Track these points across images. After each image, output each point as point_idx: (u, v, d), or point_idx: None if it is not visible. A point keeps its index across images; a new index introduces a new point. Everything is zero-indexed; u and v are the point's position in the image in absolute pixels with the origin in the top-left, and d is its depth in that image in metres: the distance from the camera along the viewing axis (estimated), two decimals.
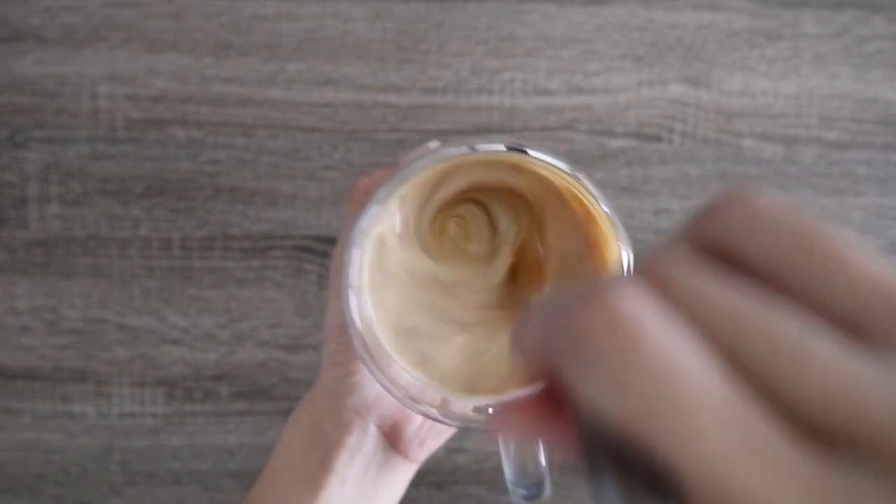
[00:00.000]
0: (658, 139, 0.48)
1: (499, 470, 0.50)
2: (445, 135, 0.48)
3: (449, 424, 0.27)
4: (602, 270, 0.24)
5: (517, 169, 0.25)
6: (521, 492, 0.28)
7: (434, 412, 0.26)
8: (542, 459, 0.27)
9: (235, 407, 0.49)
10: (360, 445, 0.31)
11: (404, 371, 0.28)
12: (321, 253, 0.48)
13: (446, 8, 0.48)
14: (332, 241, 0.48)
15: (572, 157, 0.48)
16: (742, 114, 0.48)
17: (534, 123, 0.48)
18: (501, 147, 0.24)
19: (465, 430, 0.49)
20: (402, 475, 0.33)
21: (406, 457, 0.32)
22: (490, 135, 0.47)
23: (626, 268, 0.24)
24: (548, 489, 0.29)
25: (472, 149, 0.24)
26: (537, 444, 0.27)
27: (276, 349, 0.48)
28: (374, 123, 0.48)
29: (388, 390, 0.27)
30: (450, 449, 0.50)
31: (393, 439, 0.31)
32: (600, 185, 0.45)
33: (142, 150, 0.48)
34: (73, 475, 0.49)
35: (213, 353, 0.49)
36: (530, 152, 0.24)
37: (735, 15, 0.48)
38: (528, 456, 0.27)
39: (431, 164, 0.25)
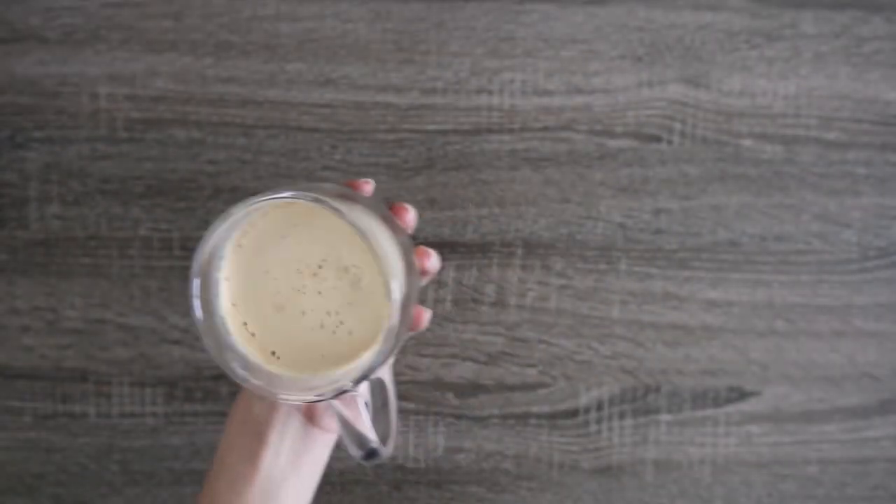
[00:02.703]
0: (657, 139, 0.48)
1: (499, 470, 0.50)
2: (445, 135, 0.48)
3: (289, 402, 0.33)
4: (383, 283, 0.30)
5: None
6: (359, 453, 0.34)
7: (280, 395, 0.31)
8: (369, 427, 0.33)
9: None
10: (287, 421, 0.37)
11: (253, 356, 0.33)
12: None
13: (446, 8, 0.48)
14: None
15: (572, 158, 0.48)
16: (741, 114, 0.48)
17: (533, 124, 0.48)
18: (287, 194, 0.30)
19: (459, 429, 0.49)
20: (323, 444, 0.38)
21: (322, 427, 0.37)
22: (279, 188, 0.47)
23: (390, 295, 0.30)
24: (384, 451, 0.34)
25: (252, 203, 0.30)
26: (363, 415, 0.33)
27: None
28: (374, 124, 0.48)
29: (236, 379, 0.32)
30: (450, 449, 0.50)
31: (308, 416, 0.37)
32: (601, 184, 0.45)
33: (142, 151, 0.48)
34: (73, 474, 0.49)
35: None
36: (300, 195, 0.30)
37: (734, 15, 0.48)
38: (357, 424, 0.33)
39: (262, 201, 0.30)
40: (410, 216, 0.39)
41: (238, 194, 0.48)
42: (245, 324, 0.33)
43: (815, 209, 0.49)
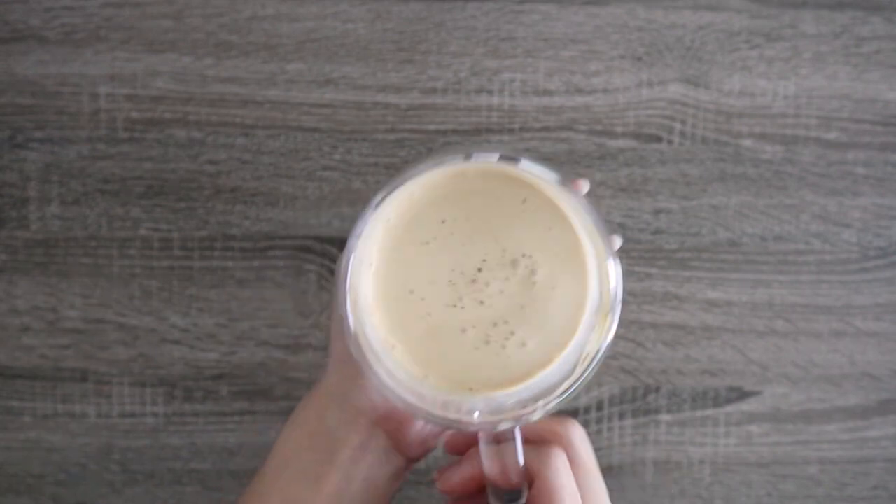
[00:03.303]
0: (657, 139, 0.48)
1: None
2: (445, 135, 0.48)
3: (442, 425, 0.27)
4: (581, 275, 0.25)
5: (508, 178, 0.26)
6: (503, 497, 0.27)
7: (429, 412, 0.26)
8: (522, 461, 0.27)
9: (235, 407, 0.49)
10: (366, 445, 0.30)
11: (400, 370, 0.27)
12: (321, 253, 0.48)
13: (446, 8, 0.48)
14: (331, 240, 0.48)
15: (572, 158, 0.48)
16: (741, 114, 0.48)
17: (533, 124, 0.48)
18: (494, 158, 0.25)
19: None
20: (402, 473, 0.33)
21: (408, 456, 0.32)
22: (485, 144, 0.47)
23: (614, 281, 0.25)
24: (524, 496, 0.28)
25: (468, 158, 0.24)
26: (517, 447, 0.26)
27: (276, 349, 0.48)
28: (374, 124, 0.48)
29: (383, 391, 0.26)
30: None
31: (396, 440, 0.31)
32: (601, 184, 0.45)
33: (142, 151, 0.48)
34: (73, 475, 0.49)
35: (213, 353, 0.49)
36: (523, 162, 0.24)
37: (734, 15, 0.48)
38: (509, 457, 0.26)
39: (427, 171, 0.25)
40: (585, 190, 0.32)
41: (238, 194, 0.48)
42: (393, 347, 0.27)
43: (814, 209, 0.49)
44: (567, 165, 0.48)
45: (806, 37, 0.48)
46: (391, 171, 0.48)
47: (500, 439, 0.26)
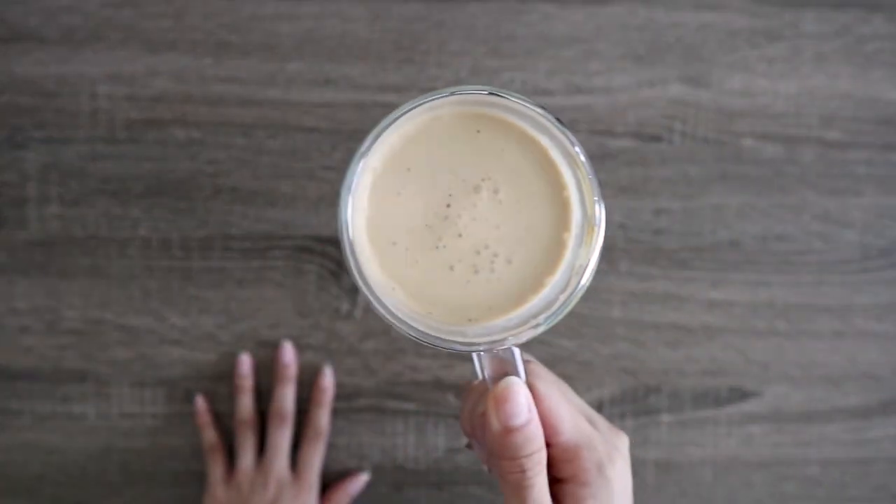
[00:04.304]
0: (658, 139, 0.48)
1: None
2: None
3: (450, 350, 0.27)
4: (553, 182, 0.26)
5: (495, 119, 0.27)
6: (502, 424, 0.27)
7: (436, 339, 0.26)
8: (524, 375, 0.28)
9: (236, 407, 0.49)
10: None
11: (404, 308, 0.28)
12: (321, 253, 0.48)
13: (446, 8, 0.48)
14: (332, 240, 0.48)
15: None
16: (742, 113, 0.48)
17: None
18: (484, 91, 0.26)
19: (459, 430, 0.49)
20: None
21: None
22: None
23: (596, 195, 0.26)
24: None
25: (454, 93, 0.26)
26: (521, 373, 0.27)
27: (276, 349, 0.48)
28: (374, 123, 0.48)
29: (394, 324, 0.26)
30: (450, 449, 0.50)
31: None
32: (601, 184, 0.45)
33: (141, 151, 0.48)
34: (72, 475, 0.49)
35: (213, 353, 0.49)
36: (510, 96, 0.26)
37: (735, 15, 0.48)
38: (510, 370, 0.27)
39: (412, 108, 0.26)
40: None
41: (238, 194, 0.48)
42: (394, 289, 0.28)
43: (815, 209, 0.49)
44: None
45: (807, 36, 0.48)
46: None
47: (503, 358, 0.27)
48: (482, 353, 0.26)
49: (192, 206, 0.48)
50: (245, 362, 0.48)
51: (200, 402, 0.48)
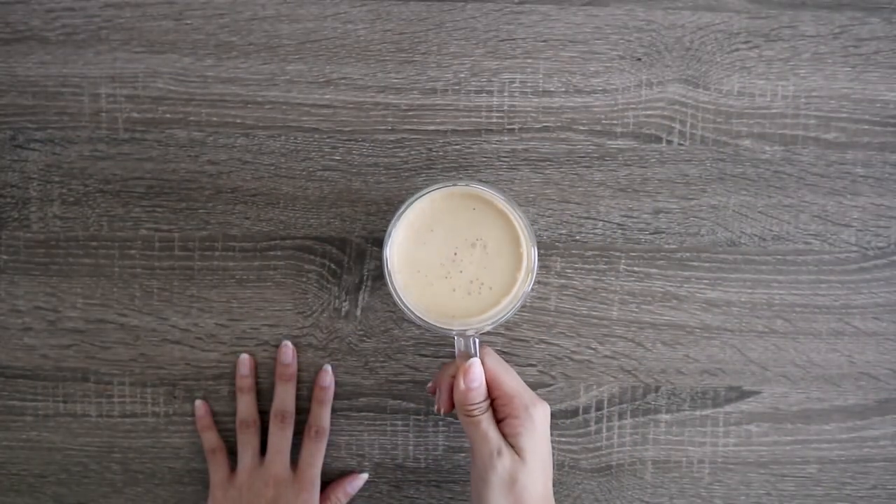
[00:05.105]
0: (657, 140, 0.48)
1: None
2: (445, 135, 0.48)
3: (437, 333, 0.43)
4: (515, 246, 0.43)
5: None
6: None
7: (430, 325, 0.42)
8: (477, 352, 0.43)
9: (236, 407, 0.49)
10: None
11: (415, 308, 0.43)
12: (321, 253, 0.48)
13: (446, 9, 0.48)
14: (331, 240, 0.48)
15: (572, 158, 0.48)
16: (740, 114, 0.49)
17: (533, 124, 0.48)
18: (465, 185, 0.43)
19: (459, 429, 0.50)
20: None
21: None
22: (466, 178, 0.48)
23: (535, 254, 0.43)
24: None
25: (455, 184, 0.42)
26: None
27: (276, 349, 0.49)
28: (374, 124, 0.48)
29: (406, 315, 0.43)
30: (450, 449, 0.50)
31: None
32: (600, 185, 0.45)
33: (143, 151, 0.48)
34: (74, 474, 0.49)
35: (214, 352, 0.49)
36: (474, 186, 0.42)
37: (733, 16, 0.48)
38: (469, 348, 0.43)
39: (435, 190, 0.42)
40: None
41: (239, 194, 0.48)
42: (415, 298, 0.43)
43: (814, 209, 0.49)
44: (566, 165, 0.49)
45: (805, 37, 0.48)
46: (391, 170, 0.48)
47: (466, 341, 0.43)
48: (456, 336, 0.43)
49: (193, 207, 0.48)
50: (245, 362, 0.48)
51: (200, 406, 0.48)
